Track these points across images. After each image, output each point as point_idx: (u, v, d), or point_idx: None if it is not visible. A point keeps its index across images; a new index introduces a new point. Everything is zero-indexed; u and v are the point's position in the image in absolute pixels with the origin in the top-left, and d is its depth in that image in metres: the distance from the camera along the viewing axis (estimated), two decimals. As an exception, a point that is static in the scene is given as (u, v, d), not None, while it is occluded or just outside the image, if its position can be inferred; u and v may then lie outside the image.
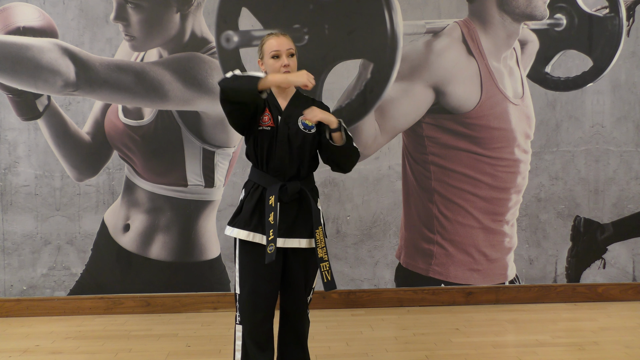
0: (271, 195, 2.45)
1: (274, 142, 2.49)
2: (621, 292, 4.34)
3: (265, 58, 2.51)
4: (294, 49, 2.53)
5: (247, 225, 2.48)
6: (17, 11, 4.04)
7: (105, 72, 4.03)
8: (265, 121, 2.49)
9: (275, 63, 2.48)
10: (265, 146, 2.49)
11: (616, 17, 4.26)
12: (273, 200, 2.45)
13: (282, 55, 2.48)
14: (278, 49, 2.48)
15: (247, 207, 2.50)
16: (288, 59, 2.48)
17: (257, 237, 2.48)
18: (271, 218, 2.43)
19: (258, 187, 2.51)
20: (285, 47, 2.48)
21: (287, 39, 2.52)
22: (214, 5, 4.07)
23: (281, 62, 2.47)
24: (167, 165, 4.12)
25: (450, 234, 4.22)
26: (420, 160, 4.22)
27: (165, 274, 4.15)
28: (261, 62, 2.56)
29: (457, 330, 3.69)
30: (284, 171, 2.51)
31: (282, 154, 2.49)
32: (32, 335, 3.71)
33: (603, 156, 4.33)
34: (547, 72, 4.28)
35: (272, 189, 2.47)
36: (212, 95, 4.07)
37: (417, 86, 4.15)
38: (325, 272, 2.52)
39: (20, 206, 4.11)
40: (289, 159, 2.50)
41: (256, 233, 2.48)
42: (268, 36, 2.55)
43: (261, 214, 2.48)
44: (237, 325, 2.55)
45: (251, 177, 2.56)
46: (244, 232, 2.49)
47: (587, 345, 3.40)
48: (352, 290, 4.23)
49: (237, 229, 2.50)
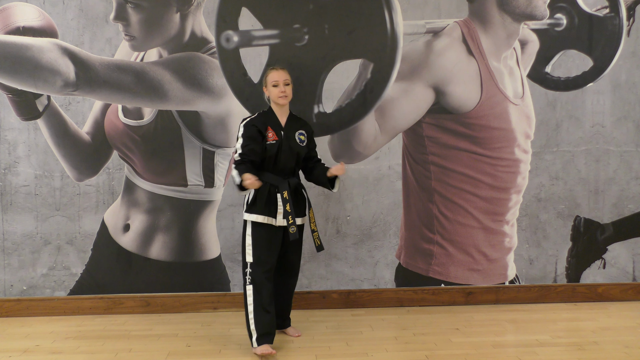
0: (284, 190, 3.34)
1: (279, 152, 3.36)
2: (621, 292, 4.34)
3: (268, 85, 3.41)
4: (289, 79, 3.43)
5: (263, 211, 3.33)
6: (17, 11, 4.04)
7: (105, 72, 4.03)
8: (270, 137, 3.36)
9: (275, 90, 3.38)
10: (273, 155, 3.35)
11: (616, 17, 4.26)
12: (287, 194, 3.33)
13: (280, 84, 3.37)
14: (277, 80, 3.37)
15: (261, 199, 3.33)
16: (284, 87, 3.38)
17: (268, 219, 3.34)
18: (288, 207, 3.32)
19: (266, 183, 3.33)
20: (282, 78, 3.38)
21: (285, 72, 3.42)
22: (214, 5, 4.07)
23: (279, 90, 3.37)
24: (167, 165, 4.12)
25: (450, 234, 4.22)
26: (420, 160, 4.22)
27: (165, 274, 4.15)
28: (265, 88, 3.44)
29: (457, 330, 3.69)
30: (286, 171, 3.41)
31: (286, 160, 3.39)
32: (32, 335, 3.71)
33: (603, 156, 4.33)
34: (547, 72, 4.28)
35: (283, 186, 3.35)
36: (212, 95, 4.07)
37: (417, 86, 4.15)
38: (316, 239, 3.48)
39: (20, 206, 4.11)
40: (290, 163, 3.40)
41: (269, 217, 3.34)
42: (270, 70, 3.43)
43: (271, 204, 3.34)
44: (247, 286, 3.33)
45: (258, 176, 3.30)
46: (261, 217, 3.33)
47: (587, 345, 3.40)
48: (352, 290, 4.23)
49: (254, 214, 3.34)
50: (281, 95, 3.36)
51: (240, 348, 3.42)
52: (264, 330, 3.26)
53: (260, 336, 3.26)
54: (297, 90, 4.08)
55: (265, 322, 3.28)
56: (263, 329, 3.26)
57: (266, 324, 3.28)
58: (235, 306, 4.14)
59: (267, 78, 3.40)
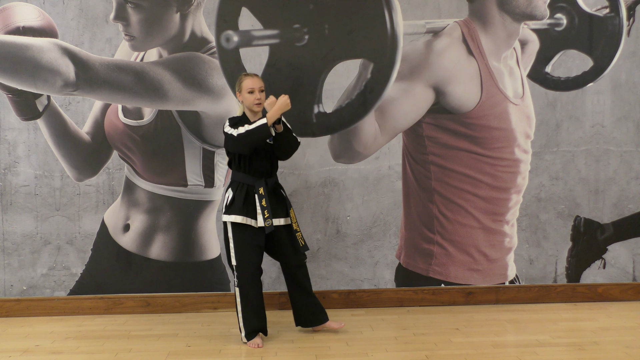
0: (260, 187, 3.43)
1: (254, 155, 3.44)
2: (621, 292, 4.34)
3: (243, 92, 3.45)
4: (264, 86, 3.49)
5: (241, 212, 3.41)
6: (16, 11, 4.04)
7: (105, 72, 4.03)
8: None
9: (250, 97, 3.43)
10: (248, 158, 3.44)
11: (616, 17, 4.26)
12: (263, 190, 3.42)
13: (255, 91, 3.43)
14: (253, 87, 3.43)
15: (239, 199, 3.42)
16: (260, 94, 3.44)
17: (247, 220, 3.42)
18: (264, 202, 3.41)
19: (243, 185, 3.45)
20: (257, 85, 3.44)
21: (260, 79, 3.48)
22: (214, 5, 4.07)
23: (255, 96, 3.42)
24: (167, 165, 4.12)
25: (450, 234, 4.22)
26: (420, 160, 4.22)
27: (165, 274, 4.15)
28: (239, 94, 3.48)
29: (457, 330, 3.69)
30: (262, 172, 3.48)
31: (261, 162, 3.47)
32: (32, 335, 3.71)
33: (603, 156, 4.33)
34: (547, 72, 4.28)
35: (259, 183, 3.45)
36: (212, 95, 4.07)
37: (417, 86, 4.15)
38: (300, 239, 3.54)
39: (20, 206, 4.11)
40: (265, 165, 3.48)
41: (247, 217, 3.42)
42: (244, 76, 3.47)
43: (249, 204, 3.43)
44: (236, 288, 3.46)
45: (235, 178, 3.49)
46: (240, 217, 3.41)
47: (587, 345, 3.40)
48: (352, 290, 4.23)
49: (233, 215, 3.41)
50: (257, 102, 3.43)
51: (240, 348, 3.42)
52: (251, 328, 3.44)
53: (249, 333, 3.45)
54: (297, 90, 4.08)
55: (252, 321, 3.45)
56: (251, 327, 3.44)
57: (254, 322, 3.45)
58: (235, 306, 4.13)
59: (242, 84, 3.45)
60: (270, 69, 4.10)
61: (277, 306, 4.16)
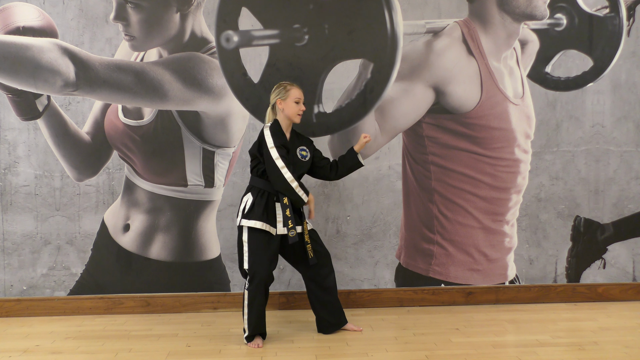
0: (285, 197, 3.44)
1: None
2: (621, 292, 4.34)
3: (289, 100, 3.49)
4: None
5: (261, 218, 3.42)
6: (16, 11, 4.04)
7: (105, 72, 4.03)
8: None
9: (295, 107, 3.50)
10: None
11: (616, 17, 4.26)
12: (287, 200, 3.44)
13: (300, 102, 3.51)
14: (300, 97, 3.51)
15: (259, 206, 3.44)
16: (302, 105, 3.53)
17: (265, 226, 3.43)
18: (288, 212, 3.44)
19: (265, 192, 3.47)
20: (302, 97, 3.54)
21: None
22: (214, 5, 4.07)
23: (300, 107, 3.51)
24: (167, 165, 4.12)
25: (450, 234, 4.22)
26: (420, 160, 4.22)
27: (165, 274, 4.15)
28: (281, 101, 3.51)
29: (457, 330, 3.69)
30: None
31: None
32: (32, 335, 3.71)
33: (603, 156, 4.33)
34: (547, 72, 4.28)
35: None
36: (212, 95, 4.07)
37: (417, 86, 4.15)
38: (310, 251, 3.54)
39: (20, 206, 4.11)
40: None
41: (266, 223, 3.43)
42: (291, 85, 3.53)
43: (269, 211, 3.45)
44: (245, 291, 3.46)
45: (256, 184, 3.49)
46: (259, 223, 3.42)
47: (587, 345, 3.40)
48: (352, 290, 4.23)
49: (253, 220, 3.42)
50: (300, 114, 3.52)
51: (241, 348, 3.42)
52: (255, 331, 3.48)
53: (251, 335, 3.48)
54: (297, 90, 4.08)
55: (257, 325, 3.48)
56: (255, 330, 3.48)
57: (259, 325, 3.49)
58: (235, 306, 4.14)
59: (290, 93, 3.49)
60: (270, 69, 4.10)
61: (277, 306, 4.16)
